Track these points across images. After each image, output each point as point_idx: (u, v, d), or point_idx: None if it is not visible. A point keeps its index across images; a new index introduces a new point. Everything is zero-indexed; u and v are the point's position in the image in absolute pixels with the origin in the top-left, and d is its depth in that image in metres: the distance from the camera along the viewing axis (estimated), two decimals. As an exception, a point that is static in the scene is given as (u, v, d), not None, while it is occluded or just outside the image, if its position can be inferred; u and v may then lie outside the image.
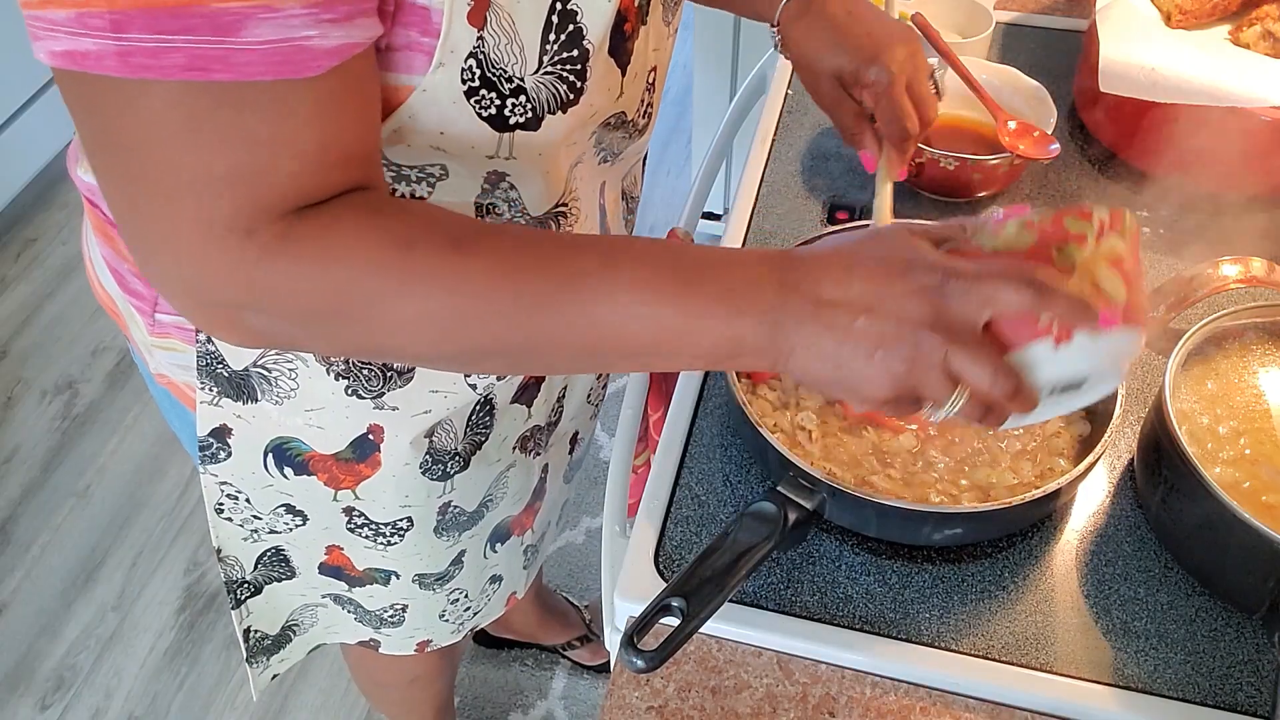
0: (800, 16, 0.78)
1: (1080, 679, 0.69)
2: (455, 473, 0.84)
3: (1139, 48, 0.98)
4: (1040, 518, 0.78)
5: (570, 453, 1.05)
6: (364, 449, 0.78)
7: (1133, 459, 0.81)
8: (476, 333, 0.54)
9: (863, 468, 0.77)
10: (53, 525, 1.89)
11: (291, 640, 1.03)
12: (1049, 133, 0.98)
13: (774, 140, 1.10)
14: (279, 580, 0.94)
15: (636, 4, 0.64)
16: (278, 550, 0.90)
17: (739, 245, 0.99)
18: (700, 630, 0.73)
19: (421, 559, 0.90)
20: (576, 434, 1.04)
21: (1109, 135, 1.06)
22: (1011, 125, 0.99)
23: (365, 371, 0.73)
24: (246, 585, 0.93)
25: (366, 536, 0.86)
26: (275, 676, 1.04)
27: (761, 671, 0.71)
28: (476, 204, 0.66)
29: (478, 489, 0.88)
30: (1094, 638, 0.71)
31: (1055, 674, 0.70)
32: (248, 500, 0.84)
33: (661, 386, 0.98)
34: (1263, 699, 0.68)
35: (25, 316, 2.24)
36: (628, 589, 0.74)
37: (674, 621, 0.64)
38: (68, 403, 2.07)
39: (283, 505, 0.84)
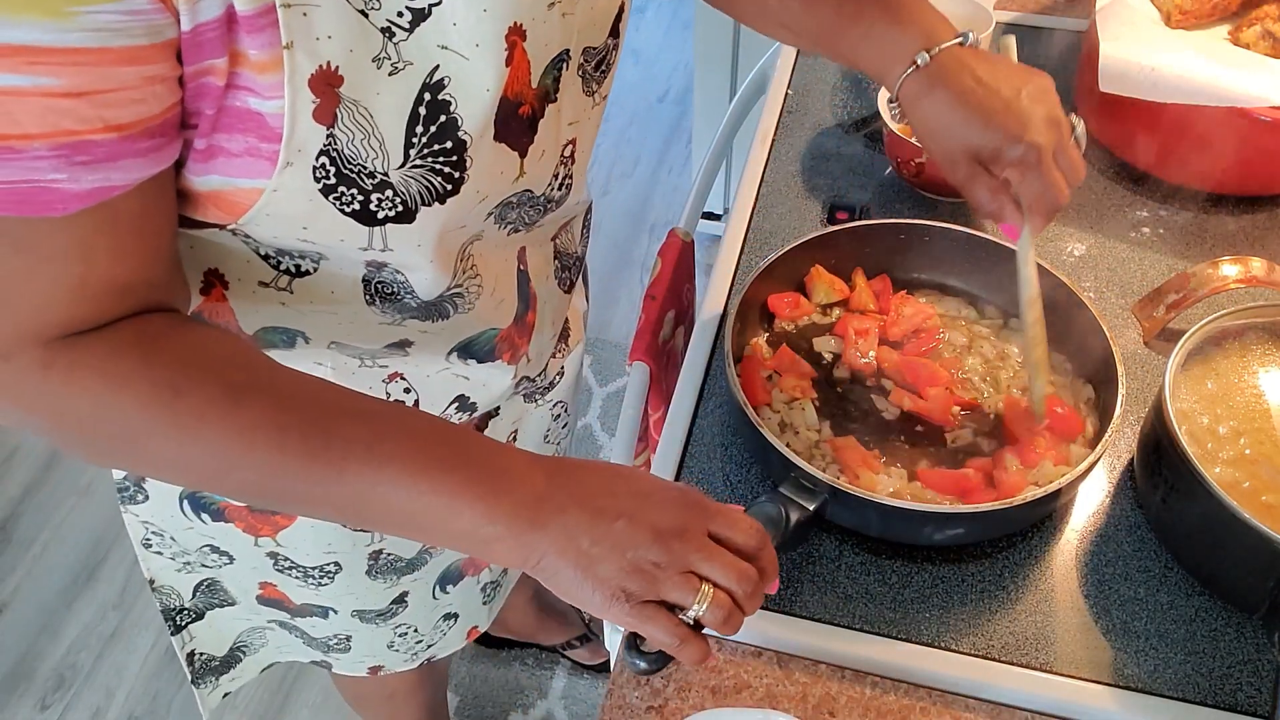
0: (927, 93, 0.71)
1: (1080, 679, 0.70)
2: None
3: (1139, 48, 0.98)
4: (1040, 518, 0.78)
5: None
6: None
7: (1133, 459, 0.81)
8: (239, 481, 0.55)
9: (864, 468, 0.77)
10: (54, 523, 1.89)
11: (241, 660, 1.01)
12: (1049, 133, 0.98)
13: (774, 140, 1.10)
14: (220, 606, 0.92)
15: (535, 86, 0.60)
16: (213, 581, 0.89)
17: (739, 245, 0.99)
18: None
19: (357, 598, 0.88)
20: None
21: (1109, 135, 1.06)
22: (1012, 125, 0.99)
23: None
24: (186, 612, 0.92)
25: (296, 578, 0.85)
26: (226, 695, 1.03)
27: (761, 671, 0.72)
28: (365, 280, 0.64)
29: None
30: (1094, 638, 0.71)
31: (1055, 674, 0.70)
32: (173, 538, 0.83)
33: (661, 386, 0.98)
34: (1263, 699, 0.68)
35: (25, 316, 2.24)
36: (628, 589, 0.74)
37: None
38: (68, 402, 2.07)
39: (207, 546, 0.83)
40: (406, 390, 0.74)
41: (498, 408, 0.85)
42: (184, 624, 0.93)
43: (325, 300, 0.65)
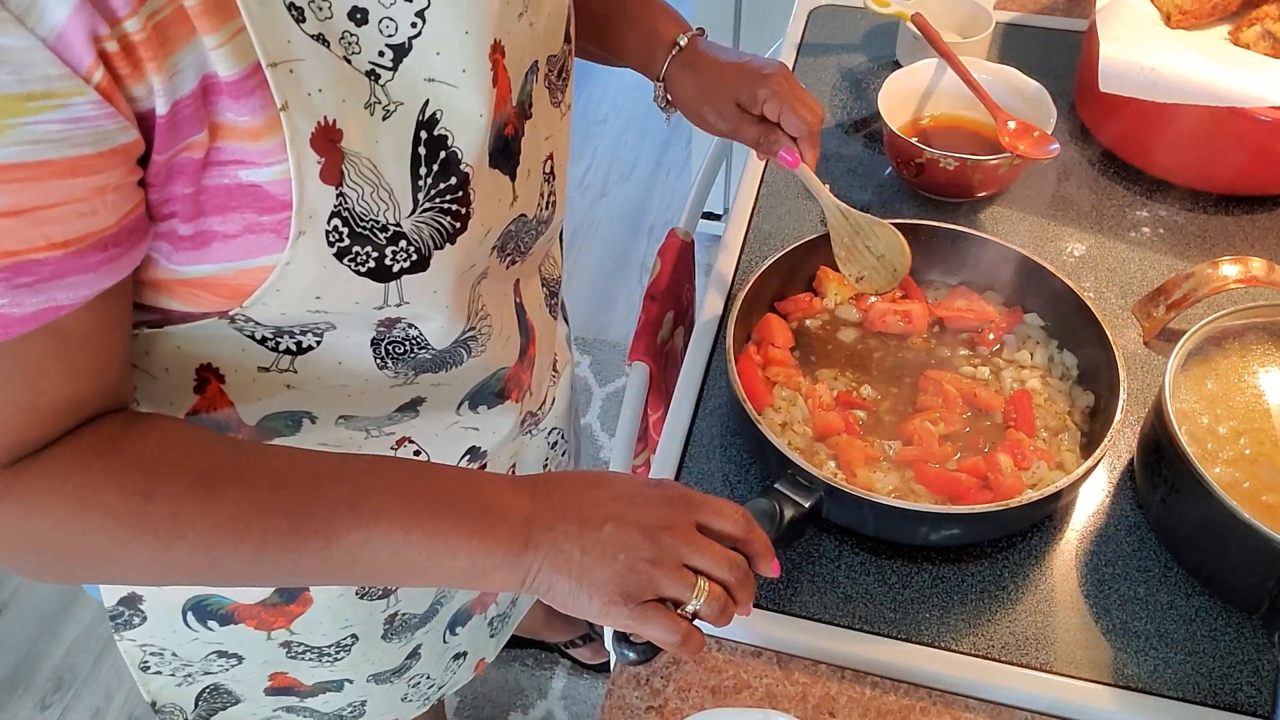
0: (689, 67, 0.85)
1: (1080, 679, 0.69)
2: (395, 587, 0.79)
3: (1139, 48, 0.98)
4: (1040, 519, 0.78)
5: None
6: (291, 591, 0.75)
7: (1133, 459, 0.81)
8: (225, 571, 0.53)
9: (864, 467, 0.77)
10: (52, 525, 1.88)
11: None
12: (1049, 133, 0.98)
13: (774, 140, 1.10)
14: (225, 708, 0.87)
15: (515, 103, 0.59)
16: (216, 686, 0.84)
17: (739, 245, 0.99)
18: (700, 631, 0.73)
19: (372, 663, 0.86)
20: None
21: (1109, 135, 1.06)
22: (1011, 125, 0.99)
23: None
24: None
25: (310, 660, 0.82)
26: None
27: (761, 671, 0.71)
28: (375, 342, 0.61)
29: (425, 594, 0.84)
30: (1094, 638, 0.71)
31: (1055, 674, 0.70)
32: (174, 654, 0.79)
33: (661, 386, 0.98)
34: (1263, 699, 0.68)
35: (25, 317, 2.23)
36: (628, 589, 0.74)
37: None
38: (67, 403, 2.07)
39: (214, 653, 0.79)
40: (416, 453, 0.73)
41: (483, 451, 0.83)
42: None
43: (333, 373, 0.62)
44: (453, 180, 0.55)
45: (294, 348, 0.60)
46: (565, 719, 1.62)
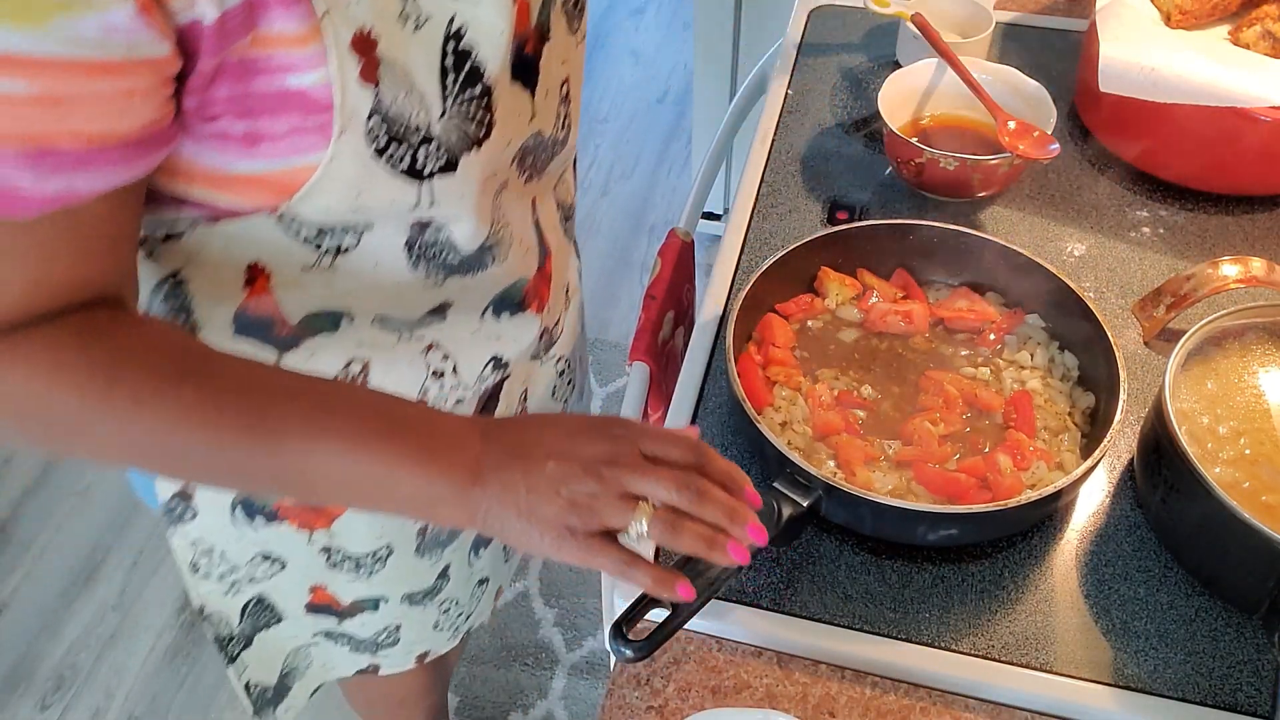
0: None
1: (1080, 679, 0.70)
2: None
3: (1139, 48, 0.98)
4: (1040, 519, 0.78)
5: None
6: None
7: (1133, 459, 0.81)
8: (176, 463, 0.57)
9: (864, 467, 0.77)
10: (53, 525, 1.89)
11: (291, 688, 1.00)
12: (1049, 133, 0.98)
13: (774, 140, 1.10)
14: (268, 627, 0.91)
15: (534, 24, 0.63)
16: (260, 599, 0.88)
17: (739, 245, 0.99)
18: (700, 630, 0.73)
19: (406, 581, 0.89)
20: None
21: (1108, 135, 1.06)
22: (1011, 125, 0.99)
23: None
24: (236, 640, 0.91)
25: (348, 571, 0.85)
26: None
27: (761, 671, 0.71)
28: (408, 244, 0.65)
29: None
30: (1094, 638, 0.71)
31: (1055, 674, 0.70)
32: (222, 554, 0.82)
33: (661, 386, 0.98)
34: (1263, 699, 0.68)
35: (25, 316, 2.24)
36: (628, 588, 0.74)
37: (664, 613, 0.65)
38: (68, 402, 2.08)
39: (259, 555, 0.82)
40: (445, 358, 0.76)
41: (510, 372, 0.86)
42: (236, 653, 0.92)
43: (369, 273, 0.66)
44: (477, 89, 0.59)
45: (335, 248, 0.63)
46: (565, 719, 1.62)
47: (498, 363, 0.79)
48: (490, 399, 0.82)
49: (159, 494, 0.78)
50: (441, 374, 0.75)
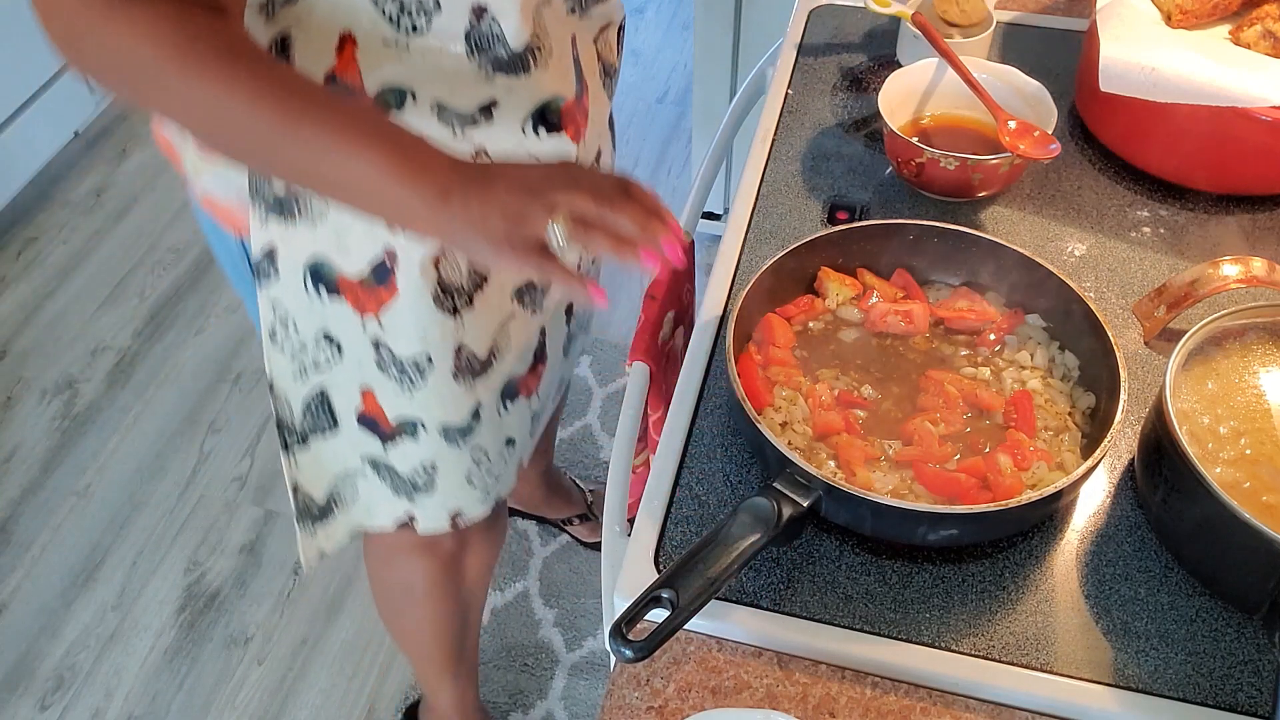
0: None
1: (1080, 679, 0.69)
2: (463, 308, 0.93)
3: (1139, 48, 0.98)
4: (1040, 519, 0.78)
5: (567, 324, 1.13)
6: (381, 273, 0.88)
7: (1133, 459, 0.81)
8: (221, 128, 0.68)
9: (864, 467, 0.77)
10: (53, 525, 1.89)
11: (334, 514, 1.09)
12: (1049, 133, 0.98)
13: (774, 140, 1.10)
14: (323, 431, 1.02)
15: None
16: (322, 395, 0.99)
17: (739, 245, 0.99)
18: (700, 631, 0.73)
19: (444, 406, 0.98)
20: (570, 305, 1.12)
21: (1109, 135, 1.06)
22: (1011, 125, 0.99)
23: None
24: (293, 433, 1.02)
25: (393, 376, 0.95)
26: (323, 556, 1.10)
27: (761, 671, 0.71)
28: (466, 34, 0.77)
29: (485, 333, 0.97)
30: (1094, 638, 0.71)
31: (1055, 674, 0.70)
32: (295, 324, 0.93)
33: (661, 386, 0.98)
34: (1263, 699, 0.68)
35: (25, 316, 2.24)
36: (627, 588, 0.74)
37: (664, 613, 0.65)
38: (68, 402, 2.07)
39: (321, 332, 0.94)
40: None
41: None
42: (290, 445, 1.03)
43: (435, 55, 0.78)
44: None
45: (409, 28, 0.76)
46: (565, 719, 1.62)
47: None
48: None
49: (253, 252, 0.88)
50: None
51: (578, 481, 1.84)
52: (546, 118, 0.86)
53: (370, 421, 1.00)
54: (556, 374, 1.16)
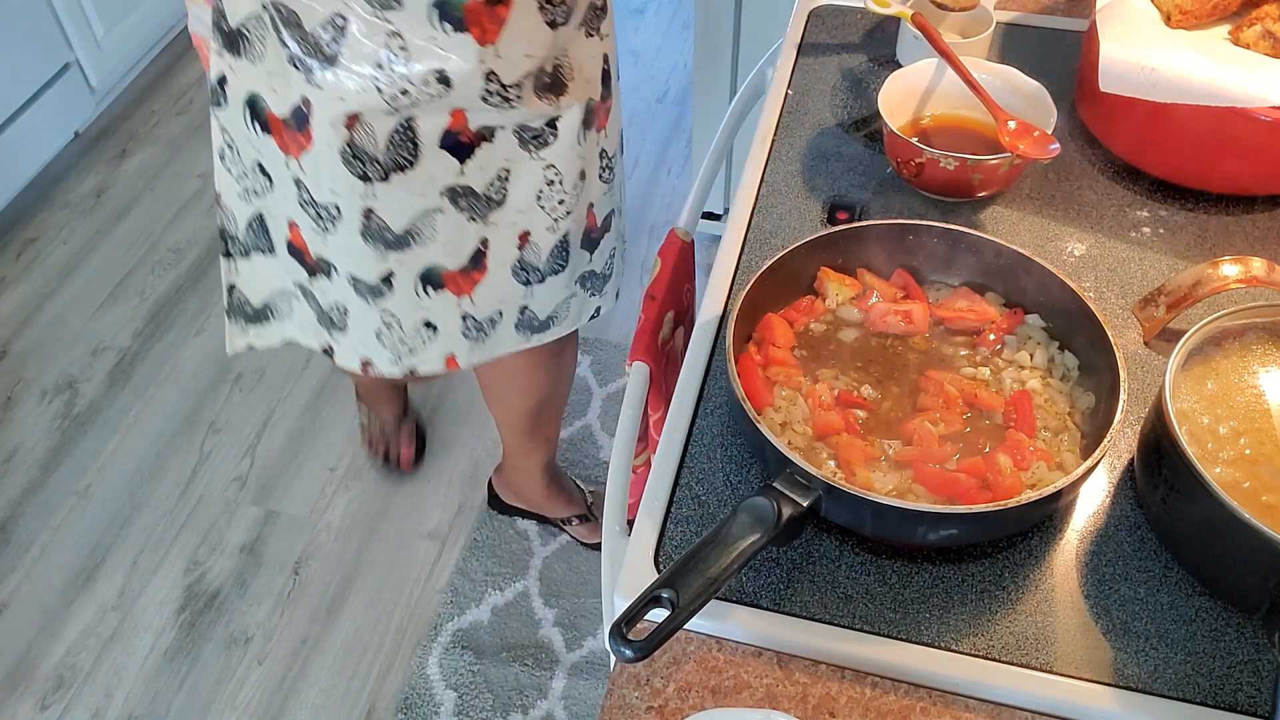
0: None
1: (1080, 679, 0.70)
2: (375, 179, 1.00)
3: (1139, 48, 0.98)
4: (1040, 519, 0.78)
5: (519, 249, 1.13)
6: (300, 119, 0.97)
7: (1133, 459, 0.81)
8: None
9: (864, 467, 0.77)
10: (53, 525, 1.89)
11: (269, 320, 1.23)
12: (1049, 133, 0.98)
13: (774, 140, 1.10)
14: (262, 251, 1.15)
15: None
16: (261, 219, 1.12)
17: (739, 245, 0.99)
18: (700, 631, 0.73)
19: (352, 258, 1.07)
20: (527, 233, 1.12)
21: (1109, 135, 1.06)
22: (1011, 125, 0.99)
23: (300, 48, 0.92)
24: (236, 242, 1.15)
25: (311, 215, 1.05)
26: (251, 347, 1.26)
27: (761, 671, 0.71)
28: None
29: (401, 213, 1.03)
30: (1094, 638, 0.71)
31: (1055, 674, 0.70)
32: (237, 152, 1.05)
33: (661, 386, 0.98)
34: (1263, 699, 0.68)
35: (25, 316, 2.24)
36: (628, 588, 0.74)
37: (664, 613, 0.65)
38: (68, 403, 2.07)
39: (256, 164, 1.05)
40: (403, 48, 0.91)
41: (492, 131, 1.00)
42: (232, 252, 1.16)
43: None
44: None
45: None
46: (565, 719, 1.62)
47: (441, 75, 0.94)
48: None
49: (211, 77, 0.99)
50: None
51: (578, 482, 1.84)
52: (447, 11, 0.89)
53: (296, 252, 1.12)
54: (509, 298, 1.17)
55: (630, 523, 0.82)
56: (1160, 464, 0.72)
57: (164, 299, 2.27)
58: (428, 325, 1.14)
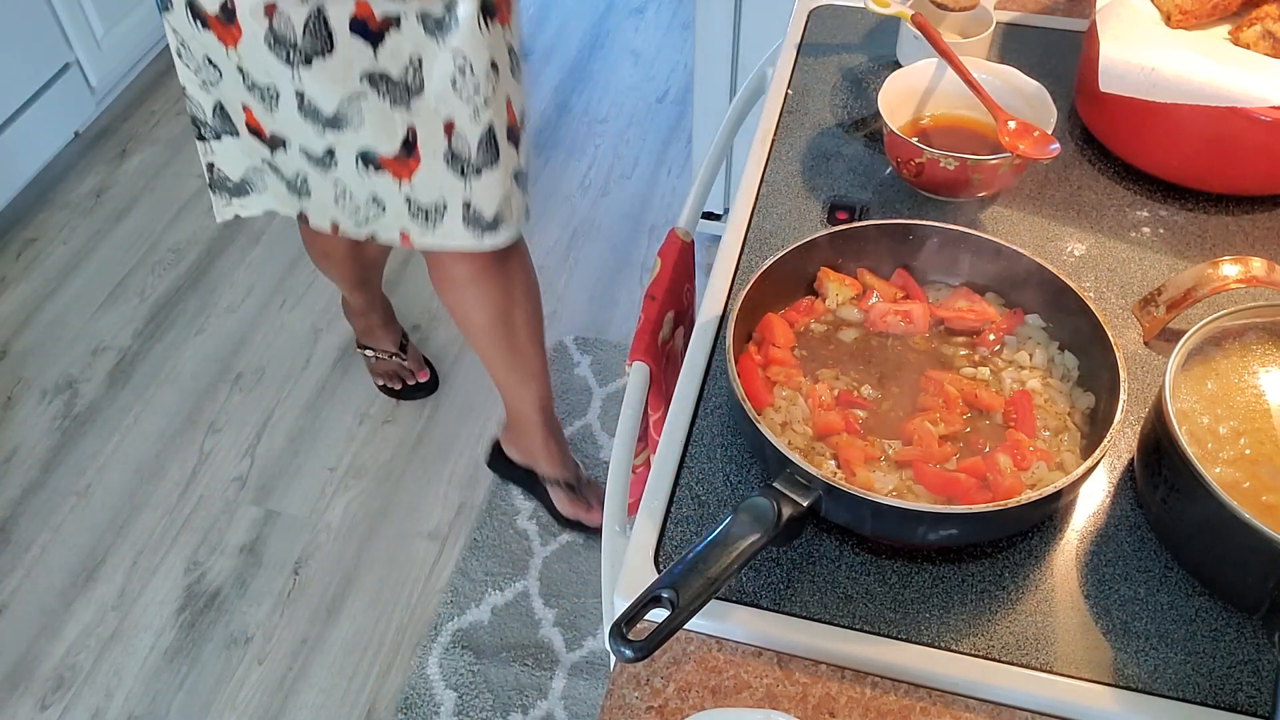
0: None
1: (1080, 679, 0.70)
2: (298, 64, 1.15)
3: (1139, 48, 0.98)
4: (1040, 519, 0.78)
5: (448, 139, 1.24)
6: (228, 13, 1.13)
7: (1133, 459, 0.81)
8: None
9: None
10: (53, 525, 1.89)
11: (249, 194, 1.40)
12: (1049, 133, 0.98)
13: (774, 140, 1.10)
14: (230, 134, 1.31)
15: None
16: (221, 106, 1.28)
17: (739, 245, 0.99)
18: (700, 631, 0.73)
19: (299, 132, 1.23)
20: (452, 123, 1.23)
21: (1109, 135, 1.06)
22: (1011, 125, 0.99)
23: None
24: (208, 127, 1.32)
25: (259, 98, 1.21)
26: (237, 217, 1.43)
27: (761, 671, 0.72)
28: None
29: (328, 96, 1.18)
30: (1094, 638, 0.71)
31: (1055, 674, 0.70)
32: (189, 48, 1.20)
33: (661, 386, 0.98)
34: (1263, 699, 0.68)
35: (25, 316, 2.24)
36: (627, 588, 0.74)
37: (664, 613, 0.65)
38: (68, 403, 2.07)
39: (205, 57, 1.20)
40: None
41: (396, 18, 1.13)
42: (205, 136, 1.33)
43: None
44: None
45: None
46: (565, 719, 1.62)
47: None
48: None
49: None
50: None
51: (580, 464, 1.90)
52: None
53: (254, 131, 1.27)
54: (447, 187, 1.29)
55: (630, 522, 0.82)
56: (1160, 464, 0.72)
57: (164, 299, 2.27)
58: (374, 201, 1.30)
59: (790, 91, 1.16)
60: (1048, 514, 0.78)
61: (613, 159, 2.57)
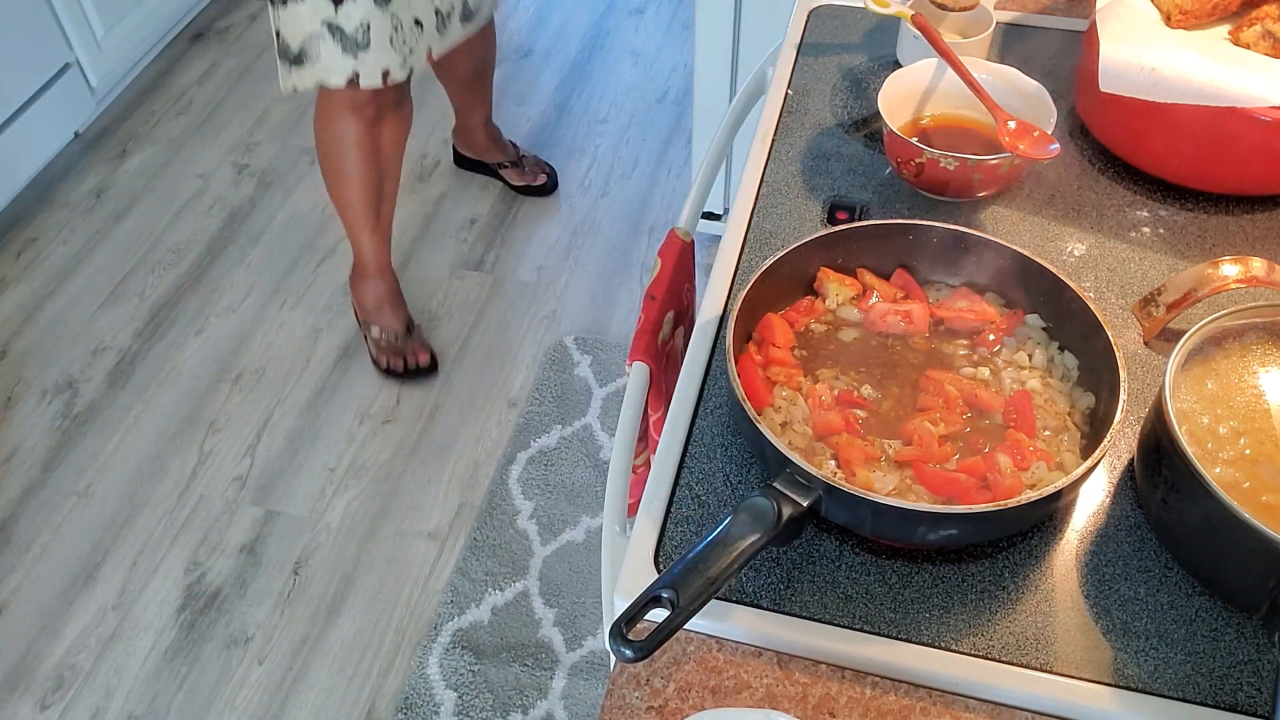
0: None
1: (1080, 679, 0.70)
2: None
3: (1139, 48, 0.98)
4: (1040, 519, 0.78)
5: None
6: None
7: (1133, 459, 0.81)
8: None
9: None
10: (53, 525, 1.89)
11: (305, 64, 1.60)
12: (1049, 133, 0.98)
13: (774, 140, 1.10)
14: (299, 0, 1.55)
15: None
16: None
17: (739, 245, 0.99)
18: (700, 631, 0.73)
19: None
20: None
21: (1109, 135, 1.06)
22: (1011, 125, 0.99)
23: None
24: None
25: None
26: (295, 91, 1.64)
27: (761, 671, 0.72)
28: None
29: None
30: (1094, 638, 0.71)
31: (1055, 674, 0.70)
32: None
33: (661, 386, 0.98)
34: (1263, 699, 0.68)
35: (25, 316, 2.24)
36: (627, 588, 0.74)
37: (664, 613, 0.65)
38: (68, 403, 2.07)
39: None
40: None
41: None
42: (275, 3, 1.56)
43: None
44: None
45: None
46: (565, 719, 1.62)
47: None
48: None
49: None
50: None
51: (512, 141, 2.46)
52: None
53: None
54: None
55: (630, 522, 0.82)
56: (1160, 464, 0.72)
57: (164, 299, 2.27)
58: (417, 23, 1.60)
59: (790, 91, 1.16)
60: (1048, 514, 0.78)
61: (613, 159, 2.57)
